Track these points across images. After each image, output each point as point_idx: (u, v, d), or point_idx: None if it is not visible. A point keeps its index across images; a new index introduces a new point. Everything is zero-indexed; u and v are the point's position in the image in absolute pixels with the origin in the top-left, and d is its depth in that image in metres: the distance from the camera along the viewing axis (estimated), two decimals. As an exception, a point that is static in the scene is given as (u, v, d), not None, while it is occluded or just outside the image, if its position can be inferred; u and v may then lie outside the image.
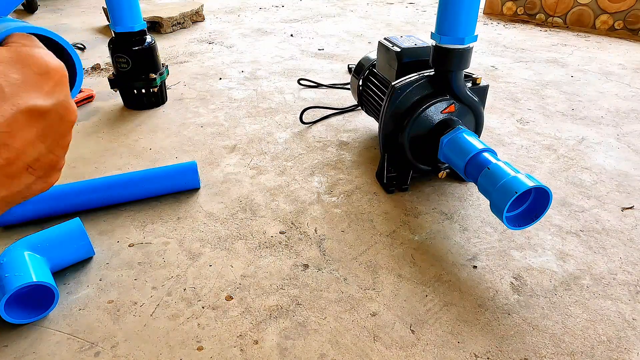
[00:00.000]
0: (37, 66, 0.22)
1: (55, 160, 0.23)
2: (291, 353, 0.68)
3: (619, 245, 0.88)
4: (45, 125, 0.22)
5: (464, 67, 0.92)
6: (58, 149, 0.23)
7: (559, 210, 0.98)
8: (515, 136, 1.30)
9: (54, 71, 0.23)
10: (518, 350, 0.68)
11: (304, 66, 1.90)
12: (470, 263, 0.85)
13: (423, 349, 0.68)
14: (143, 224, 0.95)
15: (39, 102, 0.21)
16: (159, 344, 0.69)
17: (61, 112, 0.23)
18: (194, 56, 2.04)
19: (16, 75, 0.21)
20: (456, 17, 0.86)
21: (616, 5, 2.25)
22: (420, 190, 1.06)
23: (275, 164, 1.17)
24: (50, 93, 0.22)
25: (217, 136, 1.31)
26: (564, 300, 0.77)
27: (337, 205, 1.01)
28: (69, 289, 0.80)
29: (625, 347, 0.68)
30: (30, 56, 0.22)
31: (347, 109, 1.46)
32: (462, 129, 0.94)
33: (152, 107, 1.50)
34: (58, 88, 0.23)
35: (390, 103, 0.98)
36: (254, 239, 0.91)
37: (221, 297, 0.77)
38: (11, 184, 0.21)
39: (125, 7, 1.37)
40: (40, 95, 0.22)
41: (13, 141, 0.20)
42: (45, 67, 0.22)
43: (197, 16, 2.64)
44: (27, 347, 0.69)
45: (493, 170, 0.81)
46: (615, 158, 1.19)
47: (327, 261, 0.85)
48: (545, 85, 1.67)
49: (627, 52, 2.03)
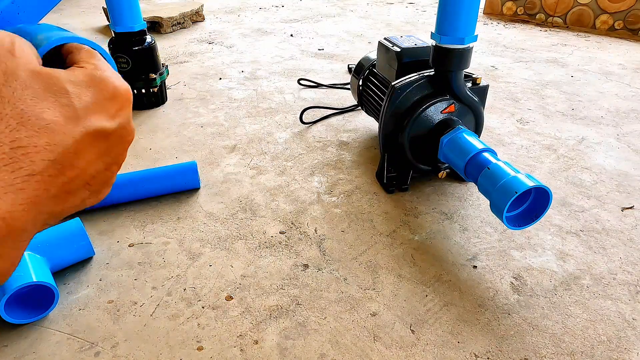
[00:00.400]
0: (108, 90, 0.23)
1: (110, 176, 0.25)
2: (291, 353, 0.68)
3: (619, 245, 0.88)
4: (107, 145, 0.23)
5: (464, 67, 0.92)
6: (114, 166, 0.25)
7: (559, 210, 0.98)
8: (515, 136, 1.30)
9: (121, 95, 0.24)
10: (518, 350, 0.68)
11: (304, 66, 1.90)
12: (470, 263, 0.85)
13: (423, 349, 0.68)
14: (143, 224, 0.95)
15: (105, 124, 0.22)
16: (159, 344, 0.69)
17: (122, 133, 0.24)
18: (194, 56, 2.04)
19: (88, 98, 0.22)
20: (456, 17, 0.86)
21: (616, 5, 2.25)
22: (420, 190, 1.06)
23: (275, 164, 1.17)
24: (116, 116, 0.23)
25: (217, 136, 1.31)
26: (564, 300, 0.77)
27: (337, 205, 1.01)
28: (69, 289, 0.80)
29: (625, 347, 0.69)
30: (102, 80, 0.23)
31: (347, 109, 1.47)
32: (462, 129, 0.94)
33: (152, 107, 1.50)
34: (123, 111, 0.24)
35: (390, 103, 0.98)
36: (254, 239, 0.91)
37: (221, 297, 0.77)
38: (68, 200, 0.22)
39: (125, 7, 1.37)
40: (107, 118, 0.23)
41: (78, 161, 0.21)
42: (114, 91, 0.23)
43: (197, 16, 2.64)
44: (27, 347, 0.69)
45: (493, 170, 0.81)
46: (615, 158, 1.19)
47: (327, 261, 0.85)
48: (545, 85, 1.67)
49: (627, 52, 2.03)
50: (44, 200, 0.20)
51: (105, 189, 0.25)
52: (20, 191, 0.19)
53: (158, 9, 2.54)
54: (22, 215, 0.19)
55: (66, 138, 0.20)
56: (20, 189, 0.19)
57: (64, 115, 0.21)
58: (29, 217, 0.20)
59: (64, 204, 0.22)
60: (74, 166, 0.21)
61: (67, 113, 0.21)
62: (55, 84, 0.21)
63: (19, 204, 0.19)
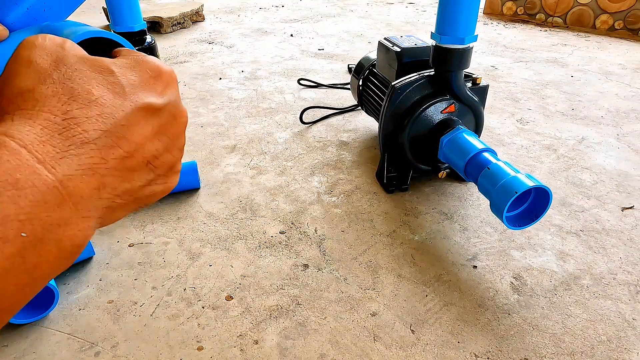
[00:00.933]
0: (151, 69, 0.25)
1: (172, 161, 0.26)
2: (291, 353, 0.68)
3: (619, 245, 0.88)
4: (160, 123, 0.24)
5: (464, 67, 0.92)
6: (175, 149, 0.26)
7: (559, 210, 0.98)
8: (515, 136, 1.30)
9: (166, 74, 0.25)
10: (518, 350, 0.68)
11: (304, 66, 1.90)
12: (470, 263, 0.85)
13: (423, 348, 0.68)
14: (143, 224, 0.95)
15: (153, 100, 0.24)
16: (159, 344, 0.69)
17: (173, 111, 0.25)
18: (194, 56, 2.04)
19: (134, 77, 0.24)
20: (456, 17, 0.86)
21: (616, 5, 2.25)
22: (420, 190, 1.06)
23: (275, 164, 1.17)
24: (163, 93, 0.25)
25: (217, 136, 1.31)
26: (564, 300, 0.77)
27: (337, 205, 1.01)
28: (69, 289, 0.80)
29: (625, 347, 0.69)
30: (145, 62, 0.25)
31: (347, 109, 1.47)
32: (462, 129, 0.94)
33: (152, 107, 1.50)
34: (169, 89, 0.25)
35: (390, 103, 0.98)
36: (254, 239, 0.91)
37: (221, 297, 0.77)
38: (132, 177, 0.23)
39: (125, 7, 1.37)
40: (155, 95, 0.24)
41: (132, 135, 0.22)
42: (157, 70, 0.25)
43: (197, 16, 2.64)
44: (27, 347, 0.69)
45: (493, 170, 0.81)
46: (615, 158, 1.19)
47: (327, 261, 0.85)
48: (545, 85, 1.67)
49: (627, 52, 2.03)
50: (103, 170, 0.21)
51: (172, 175, 0.26)
52: (76, 157, 0.20)
53: (158, 9, 2.54)
54: (80, 181, 0.20)
55: (116, 111, 0.22)
56: (75, 155, 0.20)
57: (112, 91, 0.22)
58: (89, 185, 0.20)
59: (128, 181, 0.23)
60: (128, 140, 0.22)
61: (115, 89, 0.22)
62: (101, 65, 0.23)
63: (75, 170, 0.20)
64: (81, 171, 0.20)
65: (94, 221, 0.21)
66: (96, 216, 0.21)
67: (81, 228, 0.20)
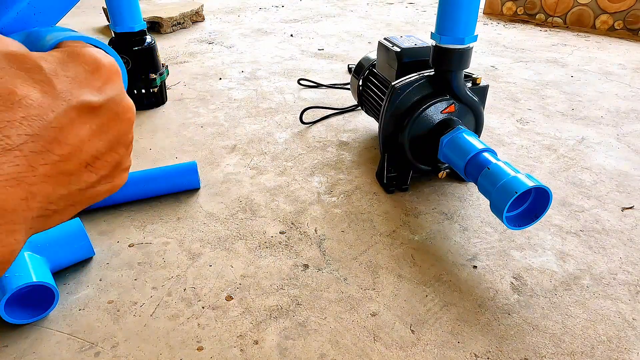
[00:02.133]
0: (88, 63, 0.22)
1: (118, 159, 0.24)
2: (291, 353, 0.68)
3: (619, 245, 0.88)
4: (100, 122, 0.22)
5: (464, 67, 0.92)
6: (120, 147, 0.24)
7: (559, 210, 0.98)
8: (515, 136, 1.30)
9: (105, 67, 0.23)
10: (518, 350, 0.68)
11: (304, 66, 1.90)
12: (470, 263, 0.85)
13: (423, 349, 0.68)
14: (143, 224, 0.95)
15: (90, 98, 0.21)
16: (159, 344, 0.69)
17: (115, 108, 0.23)
18: (194, 56, 2.04)
19: (67, 73, 0.21)
20: (456, 17, 0.86)
21: (616, 5, 2.25)
22: (420, 190, 1.06)
23: (275, 164, 1.17)
24: (102, 89, 0.22)
25: (217, 136, 1.31)
26: (564, 300, 0.77)
27: (337, 205, 1.01)
28: (69, 289, 0.80)
29: (625, 347, 0.69)
30: (80, 54, 0.22)
31: (347, 109, 1.47)
32: (462, 129, 0.94)
33: (152, 107, 1.50)
34: (109, 84, 0.23)
35: (390, 103, 0.98)
36: (254, 239, 0.91)
37: (221, 297, 0.77)
38: (69, 182, 0.21)
39: (125, 7, 1.37)
40: (92, 92, 0.22)
41: (66, 137, 0.20)
42: (95, 63, 0.22)
43: (197, 16, 2.64)
44: (27, 347, 0.69)
45: (493, 170, 0.81)
46: (615, 158, 1.19)
47: (327, 261, 0.85)
48: (545, 85, 1.67)
49: (627, 52, 2.03)
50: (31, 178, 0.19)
51: (118, 173, 0.24)
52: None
53: (158, 9, 2.54)
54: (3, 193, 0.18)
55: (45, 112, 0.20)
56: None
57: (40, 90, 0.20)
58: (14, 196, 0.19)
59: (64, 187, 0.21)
60: (61, 142, 0.20)
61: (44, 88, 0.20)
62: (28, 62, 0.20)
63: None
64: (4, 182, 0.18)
65: (21, 234, 0.19)
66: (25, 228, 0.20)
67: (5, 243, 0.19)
